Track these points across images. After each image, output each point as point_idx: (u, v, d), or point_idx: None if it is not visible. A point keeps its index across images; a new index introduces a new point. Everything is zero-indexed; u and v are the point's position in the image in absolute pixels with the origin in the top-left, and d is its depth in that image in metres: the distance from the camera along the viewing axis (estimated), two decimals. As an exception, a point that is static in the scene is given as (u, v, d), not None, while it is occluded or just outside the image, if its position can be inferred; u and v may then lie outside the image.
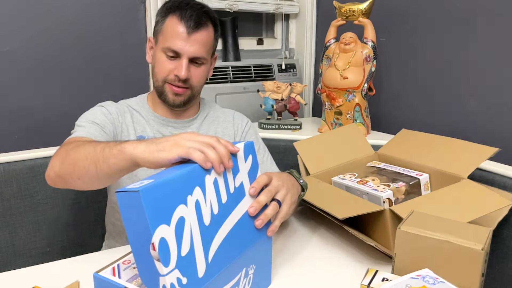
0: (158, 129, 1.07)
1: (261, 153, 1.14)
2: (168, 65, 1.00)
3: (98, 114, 1.01)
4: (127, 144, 0.67)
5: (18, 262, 1.19)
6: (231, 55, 1.86)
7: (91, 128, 0.96)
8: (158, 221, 0.51)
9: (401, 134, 1.24)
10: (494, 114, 1.31)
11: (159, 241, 0.51)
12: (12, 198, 1.17)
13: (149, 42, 1.07)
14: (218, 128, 1.13)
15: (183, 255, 0.54)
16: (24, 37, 1.38)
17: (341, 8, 1.51)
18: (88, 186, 0.77)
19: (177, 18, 0.98)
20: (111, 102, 1.08)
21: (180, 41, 0.97)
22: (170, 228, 0.53)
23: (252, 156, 0.71)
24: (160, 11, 1.03)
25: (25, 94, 1.41)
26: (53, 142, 1.35)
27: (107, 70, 1.54)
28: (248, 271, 0.68)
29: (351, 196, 1.01)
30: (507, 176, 1.04)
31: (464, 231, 0.72)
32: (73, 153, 0.76)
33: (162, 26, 1.00)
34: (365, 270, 0.82)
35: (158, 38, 1.01)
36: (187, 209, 0.56)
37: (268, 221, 0.71)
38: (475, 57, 1.35)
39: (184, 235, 0.55)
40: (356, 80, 1.44)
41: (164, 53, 0.99)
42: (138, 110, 1.08)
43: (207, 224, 0.59)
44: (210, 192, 0.61)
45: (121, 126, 1.04)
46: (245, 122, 1.17)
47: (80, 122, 0.98)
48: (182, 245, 0.54)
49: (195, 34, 0.98)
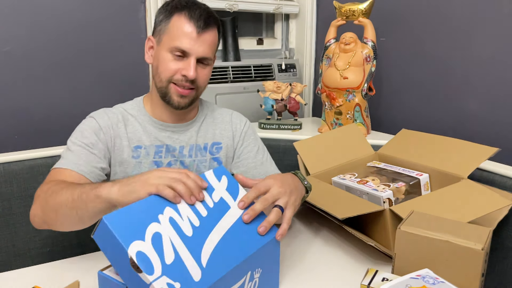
0: (156, 136, 1.03)
1: (260, 154, 1.12)
2: (174, 65, 0.96)
3: (89, 132, 0.97)
4: (101, 189, 0.72)
5: (18, 262, 1.19)
6: (231, 55, 1.86)
7: (80, 157, 0.93)
8: (130, 238, 0.56)
9: (401, 134, 1.24)
10: (494, 114, 1.31)
11: (135, 255, 0.55)
12: (12, 198, 1.17)
13: (149, 41, 1.03)
14: (216, 130, 1.10)
15: (169, 263, 0.57)
16: (24, 37, 1.39)
17: (341, 8, 1.51)
18: (72, 228, 0.83)
19: (186, 17, 0.95)
20: (104, 111, 1.03)
21: (189, 40, 0.94)
22: (146, 243, 0.57)
23: (225, 176, 0.76)
24: (163, 10, 1.00)
25: (25, 94, 1.41)
26: (53, 142, 1.35)
27: (107, 70, 1.54)
28: (253, 274, 0.68)
29: (351, 196, 1.01)
30: (507, 176, 1.04)
31: (464, 231, 0.72)
32: (52, 200, 0.80)
33: (167, 26, 0.97)
34: (365, 270, 0.82)
35: (162, 37, 0.98)
36: (161, 225, 0.61)
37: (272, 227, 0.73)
38: (475, 57, 1.35)
39: (164, 246, 0.59)
40: (356, 80, 1.44)
41: (171, 52, 0.96)
42: (134, 115, 1.04)
43: (190, 235, 0.63)
44: (184, 210, 0.65)
45: (114, 140, 1.00)
46: (243, 123, 1.15)
47: (71, 143, 0.96)
48: (164, 255, 0.58)
49: (204, 34, 0.96)
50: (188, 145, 1.05)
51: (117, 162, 1.00)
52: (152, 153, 1.02)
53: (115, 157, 1.00)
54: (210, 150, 1.08)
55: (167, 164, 1.04)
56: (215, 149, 1.09)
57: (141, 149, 1.01)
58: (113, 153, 1.00)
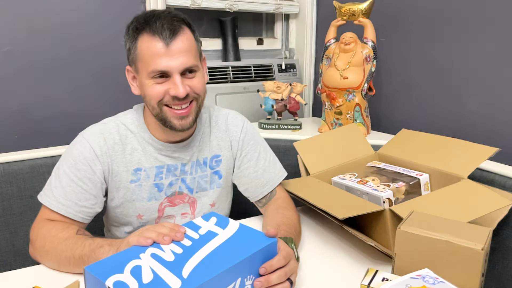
0: (156, 157, 0.97)
1: (261, 160, 1.08)
2: (160, 88, 0.88)
3: (83, 163, 0.91)
4: (100, 254, 0.78)
5: (18, 262, 1.19)
6: (231, 55, 1.86)
7: (68, 196, 0.90)
8: (108, 274, 0.61)
9: (401, 134, 1.24)
10: (494, 114, 1.31)
11: (113, 284, 0.59)
12: (12, 198, 1.17)
13: (129, 73, 0.95)
14: (213, 141, 1.04)
15: (146, 282, 0.60)
16: (24, 37, 1.39)
17: (341, 8, 1.51)
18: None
19: (149, 35, 0.86)
20: (100, 132, 0.94)
21: (163, 58, 0.85)
22: (125, 274, 0.61)
23: (215, 216, 0.78)
24: (126, 36, 0.91)
25: (25, 94, 1.41)
26: (53, 142, 1.35)
27: (107, 70, 1.54)
28: (244, 281, 0.67)
29: (351, 196, 1.01)
30: (507, 176, 1.04)
31: (464, 231, 0.72)
32: (53, 254, 0.84)
33: (136, 52, 0.88)
34: (365, 270, 0.82)
35: (137, 65, 0.90)
36: (142, 260, 0.65)
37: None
38: (475, 57, 1.35)
39: (143, 272, 0.62)
40: (356, 80, 1.44)
41: (152, 78, 0.87)
42: (134, 132, 0.97)
43: (171, 260, 0.65)
44: (166, 246, 0.69)
45: (111, 168, 0.94)
46: (240, 129, 1.07)
47: (62, 173, 0.91)
48: (142, 278, 0.61)
49: (174, 43, 0.86)
50: (190, 162, 1.01)
51: (114, 188, 0.96)
52: (153, 175, 0.98)
53: (113, 184, 0.96)
54: (210, 164, 1.04)
55: (168, 184, 1.00)
56: (215, 162, 1.05)
57: (141, 171, 0.97)
58: (110, 181, 0.96)
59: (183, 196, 1.02)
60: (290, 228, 0.92)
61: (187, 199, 1.03)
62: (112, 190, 0.97)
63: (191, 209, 1.04)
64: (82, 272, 0.81)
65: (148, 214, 1.00)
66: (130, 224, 1.01)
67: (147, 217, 1.00)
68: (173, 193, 1.01)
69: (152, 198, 0.99)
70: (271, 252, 0.71)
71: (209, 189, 1.05)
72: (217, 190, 1.06)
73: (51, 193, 0.92)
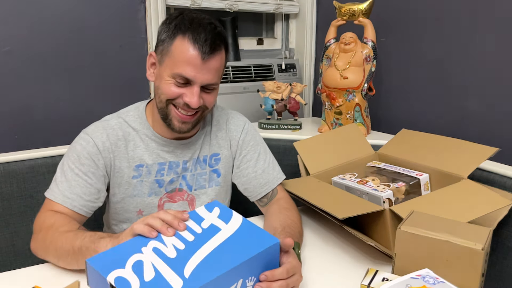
0: (158, 153, 0.99)
1: (261, 161, 1.08)
2: (176, 90, 0.90)
3: (86, 158, 0.93)
4: (100, 245, 0.77)
5: (18, 262, 1.19)
6: (231, 55, 1.86)
7: (74, 189, 0.91)
8: (110, 268, 0.61)
9: (401, 134, 1.24)
10: (494, 114, 1.31)
11: (114, 280, 0.59)
12: (12, 198, 1.17)
13: (151, 58, 0.95)
14: (213, 140, 1.06)
15: (148, 280, 0.60)
16: (25, 37, 1.38)
17: (341, 8, 1.51)
18: (73, 268, 0.85)
19: (190, 41, 0.87)
20: (103, 128, 0.96)
21: (193, 68, 0.87)
22: (126, 269, 0.62)
23: (218, 207, 0.77)
24: (165, 27, 0.91)
25: (25, 94, 1.41)
26: (53, 142, 1.35)
27: (107, 70, 1.54)
28: (246, 283, 0.67)
29: (351, 196, 1.01)
30: (507, 176, 1.04)
31: (464, 231, 0.72)
32: (53, 248, 0.84)
33: (169, 47, 0.89)
34: (365, 270, 0.82)
35: (164, 58, 0.90)
36: (143, 255, 0.65)
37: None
38: (475, 57, 1.35)
39: (144, 269, 0.62)
40: (356, 80, 1.44)
41: (173, 78, 0.89)
42: (136, 129, 0.98)
43: (173, 257, 0.65)
44: (168, 239, 0.69)
45: (113, 163, 0.96)
46: (240, 129, 1.08)
47: (67, 168, 0.93)
48: (144, 275, 0.61)
49: (209, 60, 0.87)
50: (191, 160, 1.03)
51: (116, 184, 0.98)
52: (154, 172, 0.99)
53: (114, 180, 0.97)
54: (210, 162, 1.05)
55: (169, 181, 1.01)
56: (214, 160, 1.06)
57: (143, 167, 0.98)
58: (112, 177, 0.97)
59: (182, 193, 1.03)
60: (293, 230, 0.93)
61: (186, 197, 1.04)
62: (113, 186, 0.98)
63: (190, 207, 1.05)
64: (79, 268, 0.82)
65: (148, 210, 1.01)
66: (130, 220, 1.02)
67: (147, 213, 1.01)
68: (173, 189, 1.02)
69: (153, 194, 1.00)
70: (273, 253, 0.71)
71: (207, 187, 1.06)
72: (216, 188, 1.07)
73: (57, 187, 0.93)
